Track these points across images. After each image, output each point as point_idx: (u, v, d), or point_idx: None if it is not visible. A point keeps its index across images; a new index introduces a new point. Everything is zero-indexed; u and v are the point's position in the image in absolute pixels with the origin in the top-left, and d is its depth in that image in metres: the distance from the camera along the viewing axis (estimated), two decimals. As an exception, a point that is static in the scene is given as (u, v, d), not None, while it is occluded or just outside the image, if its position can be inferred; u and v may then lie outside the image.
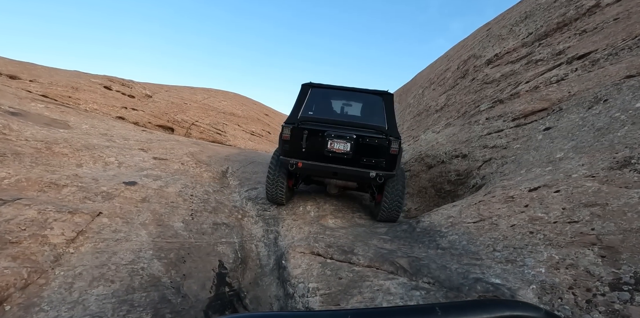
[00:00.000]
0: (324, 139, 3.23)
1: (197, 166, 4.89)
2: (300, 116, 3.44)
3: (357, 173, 3.20)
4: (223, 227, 3.38)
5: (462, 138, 4.90)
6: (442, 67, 11.31)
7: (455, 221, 2.42)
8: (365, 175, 3.16)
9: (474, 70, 7.77)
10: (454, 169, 4.40)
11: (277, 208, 3.80)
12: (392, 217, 3.45)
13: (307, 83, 3.66)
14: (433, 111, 8.45)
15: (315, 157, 3.26)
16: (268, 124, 13.51)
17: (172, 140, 6.41)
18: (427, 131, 6.91)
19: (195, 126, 9.05)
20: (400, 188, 3.35)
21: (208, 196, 3.95)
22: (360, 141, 3.20)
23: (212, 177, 4.66)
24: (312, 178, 3.90)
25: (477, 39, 9.95)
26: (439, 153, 4.99)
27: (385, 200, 3.36)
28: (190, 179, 4.30)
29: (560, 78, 4.34)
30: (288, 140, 3.30)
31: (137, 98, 9.83)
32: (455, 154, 4.62)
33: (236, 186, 4.67)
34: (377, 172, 3.13)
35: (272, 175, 3.53)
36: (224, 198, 4.09)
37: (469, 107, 6.28)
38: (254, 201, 4.09)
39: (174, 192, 3.71)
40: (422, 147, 5.84)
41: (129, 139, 5.58)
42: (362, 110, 3.81)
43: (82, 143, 4.63)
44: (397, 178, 3.32)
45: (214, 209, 3.69)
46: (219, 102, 12.18)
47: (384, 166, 3.20)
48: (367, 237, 2.77)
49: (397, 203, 3.35)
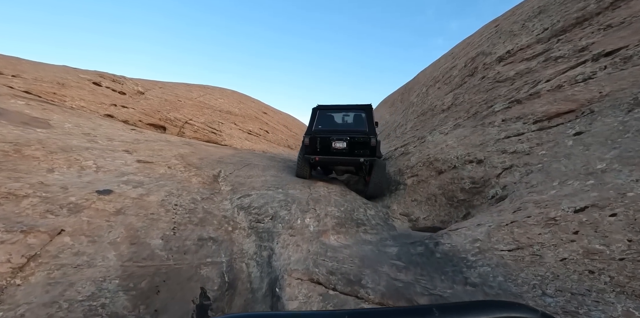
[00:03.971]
0: (330, 142, 5.06)
1: (185, 169, 4.47)
2: (314, 129, 5.28)
3: (352, 160, 4.95)
4: (210, 243, 2.96)
5: (476, 141, 4.49)
6: (448, 65, 10.88)
7: (484, 246, 2.01)
8: (357, 161, 4.88)
9: (483, 68, 7.35)
10: (468, 176, 3.99)
11: (272, 220, 3.39)
12: (377, 193, 5.00)
13: (316, 106, 5.49)
14: (439, 110, 8.03)
15: (326, 153, 5.11)
16: (266, 123, 13.07)
17: (162, 140, 5.98)
18: (434, 132, 6.49)
19: (189, 125, 8.60)
20: (382, 172, 4.94)
21: (195, 205, 3.53)
22: (352, 141, 4.97)
23: (201, 182, 4.24)
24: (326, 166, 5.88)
25: (485, 35, 9.52)
26: (450, 157, 4.58)
27: (372, 180, 4.91)
28: (176, 185, 3.88)
29: (587, 77, 3.92)
30: (308, 145, 5.21)
31: (128, 95, 9.37)
32: (469, 159, 4.21)
33: (228, 193, 4.26)
34: (364, 158, 4.85)
35: (300, 164, 5.36)
36: (213, 207, 3.68)
37: (479, 107, 5.87)
38: (247, 211, 3.67)
39: (156, 201, 3.29)
40: (429, 149, 5.43)
41: (114, 140, 5.15)
42: (352, 119, 5.42)
43: (59, 144, 4.20)
44: (379, 164, 4.91)
45: (201, 221, 3.27)
46: (215, 100, 11.72)
47: (368, 154, 4.92)
48: (376, 261, 2.36)
49: (380, 183, 4.94)
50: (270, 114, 15.23)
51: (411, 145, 6.76)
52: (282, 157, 8.80)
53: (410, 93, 15.08)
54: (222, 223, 3.40)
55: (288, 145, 12.41)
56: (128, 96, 9.39)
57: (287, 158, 8.71)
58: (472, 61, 8.36)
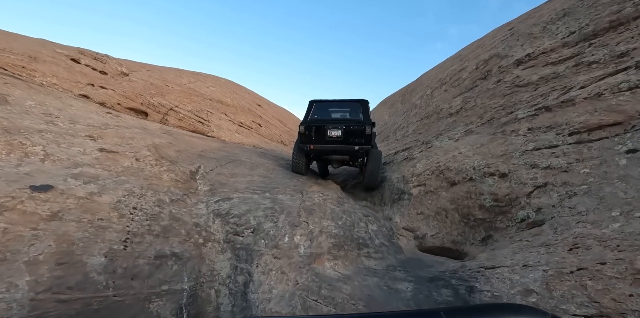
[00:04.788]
0: (325, 130, 4.92)
1: (157, 163, 3.78)
2: (309, 119, 5.24)
3: (347, 148, 4.89)
4: (171, 262, 2.32)
5: (496, 150, 3.93)
6: (455, 67, 10.34)
7: (545, 304, 1.45)
8: (352, 149, 4.83)
9: (498, 71, 6.81)
10: (489, 192, 3.43)
11: (254, 234, 2.75)
12: (373, 183, 4.95)
13: (312, 100, 5.45)
14: (446, 114, 7.48)
15: (321, 141, 4.97)
16: (260, 116, 12.33)
17: (137, 127, 5.25)
18: (442, 137, 5.93)
19: (174, 112, 7.84)
20: (377, 161, 4.86)
21: (160, 209, 2.87)
22: (347, 129, 4.88)
23: (174, 179, 3.57)
24: (320, 156, 5.46)
25: (499, 38, 9.00)
26: (465, 167, 4.01)
27: (367, 171, 4.87)
28: (141, 182, 3.21)
29: (633, 85, 3.38)
30: (303, 133, 5.05)
31: (110, 75, 8.54)
32: (489, 171, 3.65)
33: (205, 194, 3.60)
34: (360, 146, 4.79)
35: (295, 157, 5.29)
36: (184, 212, 3.02)
37: (496, 112, 5.32)
38: (224, 219, 3.02)
39: (109, 203, 2.62)
40: (439, 156, 4.86)
41: (78, 123, 4.42)
42: (348, 112, 5.42)
43: (4, 124, 3.48)
44: (375, 154, 4.86)
45: (165, 230, 2.62)
46: (206, 88, 10.94)
47: (363, 142, 4.83)
48: (386, 305, 1.75)
49: (375, 174, 4.85)
50: (265, 107, 14.49)
51: (415, 150, 6.19)
52: (274, 154, 8.13)
53: (412, 95, 14.54)
54: (192, 234, 2.75)
55: (282, 141, 11.73)
56: (110, 76, 8.56)
57: (279, 155, 8.05)
58: (485, 63, 7.82)
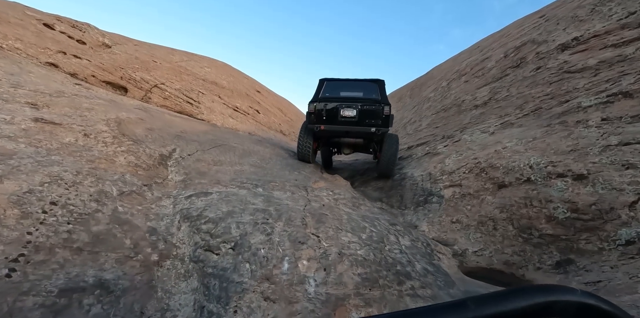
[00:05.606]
0: (338, 110, 4.45)
1: (114, 141, 2.82)
2: (320, 96, 4.69)
3: (362, 130, 4.41)
4: (89, 299, 1.38)
5: (560, 145, 3.03)
6: (476, 57, 9.39)
7: None
8: (368, 131, 4.37)
9: (536, 57, 5.89)
10: (561, 199, 2.52)
11: (236, 253, 1.81)
12: (389, 170, 4.49)
13: (323, 78, 4.95)
14: (470, 106, 6.56)
15: (332, 122, 4.47)
16: (258, 102, 11.31)
17: (104, 99, 4.26)
18: (470, 131, 5.02)
19: (159, 90, 6.82)
20: (394, 147, 4.39)
21: (99, 206, 1.92)
22: (363, 108, 4.43)
23: (133, 164, 2.61)
24: (330, 139, 4.98)
25: (529, 25, 8.06)
26: (517, 164, 3.10)
27: (383, 157, 4.44)
28: (81, 165, 2.25)
29: None
30: (313, 112, 4.55)
31: (88, 46, 7.47)
32: (556, 171, 2.74)
33: (176, 185, 2.65)
34: (376, 128, 4.35)
35: (302, 139, 4.76)
36: (137, 211, 2.07)
37: (542, 102, 4.41)
38: (194, 225, 2.08)
39: (10, 193, 1.67)
40: (474, 152, 3.95)
41: (21, 88, 3.43)
42: (363, 91, 4.82)
43: None
44: (391, 138, 4.49)
45: (96, 240, 1.68)
46: (200, 68, 9.89)
47: (380, 124, 4.40)
48: None
49: (392, 159, 4.41)
50: (264, 94, 13.45)
51: (439, 144, 5.27)
52: (271, 142, 7.17)
53: (422, 88, 13.58)
54: (142, 246, 1.81)
55: (281, 130, 10.75)
56: (88, 46, 7.49)
57: (277, 144, 7.09)
58: (517, 50, 6.89)
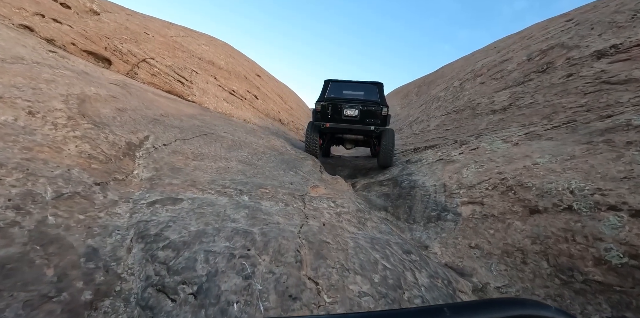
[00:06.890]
0: (342, 109, 5.15)
1: (67, 123, 2.24)
2: (326, 97, 5.40)
3: (363, 128, 5.12)
4: None
5: (609, 170, 2.54)
6: (494, 58, 8.82)
7: None
8: (368, 129, 5.09)
9: (567, 63, 5.36)
10: (615, 239, 2.05)
11: (197, 306, 1.28)
12: (388, 161, 5.10)
13: (328, 79, 5.69)
14: (486, 110, 6.04)
15: (337, 120, 5.17)
16: (258, 87, 10.62)
17: (72, 70, 3.62)
18: (489, 138, 4.52)
19: (147, 65, 6.14)
20: (391, 139, 5.02)
21: (17, 217, 1.37)
22: (364, 109, 5.14)
23: (86, 155, 2.05)
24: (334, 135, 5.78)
25: (555, 28, 7.49)
26: (555, 187, 2.62)
27: (382, 150, 5.08)
28: (12, 153, 1.68)
29: None
30: (319, 111, 5.25)
31: (73, 11, 6.70)
32: (608, 202, 2.27)
33: (141, 185, 2.10)
34: (375, 127, 5.08)
35: (309, 135, 5.45)
36: (74, 223, 1.53)
37: (576, 114, 3.91)
38: (150, 249, 1.53)
39: None
40: (497, 164, 3.46)
41: (-35, 46, 2.79)
42: (364, 93, 5.59)
43: None
44: (388, 132, 5.09)
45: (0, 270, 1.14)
46: (197, 46, 9.14)
47: (379, 123, 5.15)
48: None
49: (389, 152, 5.03)
50: (264, 78, 12.73)
51: (452, 150, 4.76)
52: (268, 132, 6.59)
53: (430, 86, 13.00)
54: (70, 279, 1.28)
55: (279, 119, 10.13)
56: (73, 11, 6.71)
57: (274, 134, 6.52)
58: (543, 53, 6.34)
